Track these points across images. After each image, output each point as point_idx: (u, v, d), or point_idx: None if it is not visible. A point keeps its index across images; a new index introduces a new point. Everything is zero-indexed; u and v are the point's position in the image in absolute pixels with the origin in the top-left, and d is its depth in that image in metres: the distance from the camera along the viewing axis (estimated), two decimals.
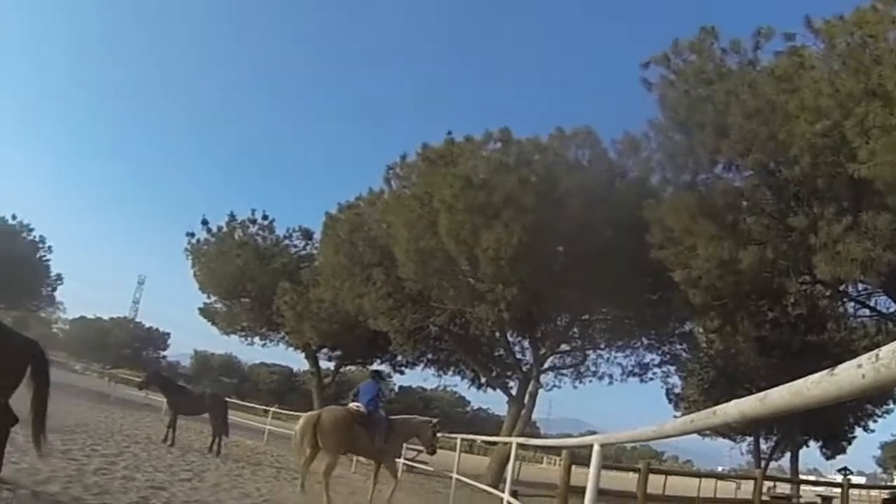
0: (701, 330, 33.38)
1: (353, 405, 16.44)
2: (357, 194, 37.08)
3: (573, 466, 17.88)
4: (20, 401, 10.03)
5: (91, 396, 39.73)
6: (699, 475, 42.38)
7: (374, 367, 40.49)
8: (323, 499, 14.80)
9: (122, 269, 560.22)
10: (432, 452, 17.83)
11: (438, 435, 17.74)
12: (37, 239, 63.33)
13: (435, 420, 17.46)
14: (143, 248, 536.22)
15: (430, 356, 40.66)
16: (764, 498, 23.45)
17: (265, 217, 46.94)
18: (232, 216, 46.84)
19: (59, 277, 66.77)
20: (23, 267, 59.54)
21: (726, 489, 43.37)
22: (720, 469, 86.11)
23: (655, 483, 25.91)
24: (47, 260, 64.38)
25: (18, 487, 9.63)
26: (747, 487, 31.28)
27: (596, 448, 5.88)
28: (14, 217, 62.10)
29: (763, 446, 46.07)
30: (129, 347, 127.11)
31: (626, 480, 27.75)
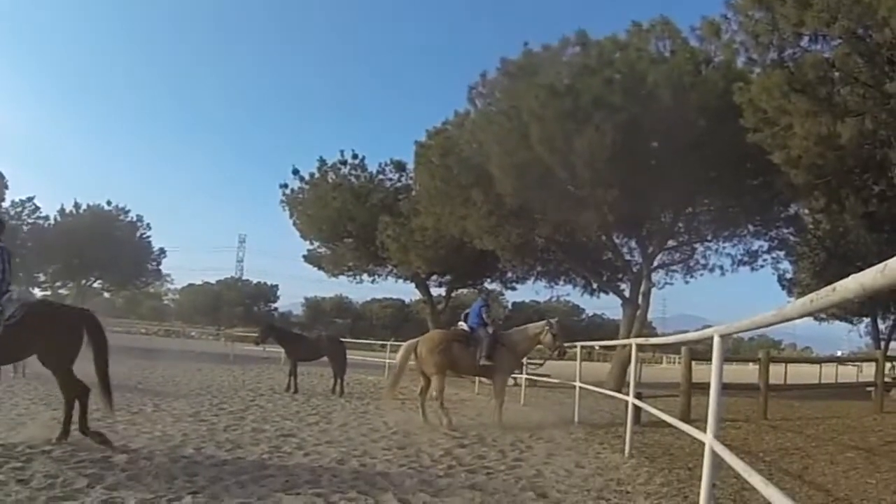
0: (807, 211, 32.78)
1: (460, 325, 16.96)
2: (443, 118, 37.12)
3: (693, 363, 17.96)
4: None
5: (211, 358, 40.57)
6: (819, 361, 42.16)
7: (483, 286, 41.01)
8: (443, 421, 15.06)
9: (222, 232, 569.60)
10: (560, 355, 17.78)
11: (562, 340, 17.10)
12: (135, 219, 64.93)
13: (552, 320, 17.08)
14: (240, 209, 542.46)
15: (539, 269, 40.68)
16: (887, 379, 23.19)
17: (355, 156, 46.76)
18: (322, 160, 46.81)
19: (163, 251, 68.67)
20: (125, 248, 61.47)
21: (848, 373, 42.94)
22: (839, 353, 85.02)
23: (776, 372, 25.80)
24: (148, 237, 66.21)
25: (154, 454, 9.97)
26: (869, 370, 30.96)
27: (716, 340, 5.96)
28: (109, 203, 63.91)
29: (881, 326, 45.03)
30: (240, 305, 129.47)
31: (747, 372, 27.65)
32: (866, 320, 46.30)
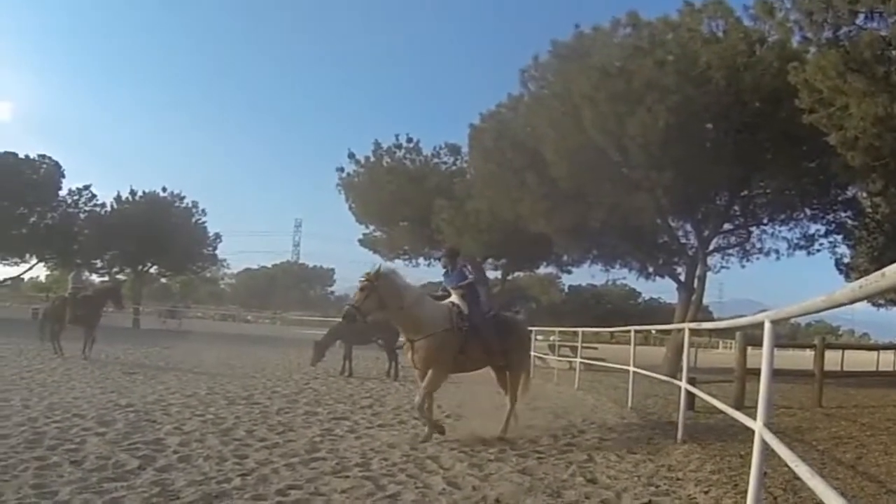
0: (864, 194, 32.25)
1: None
2: (497, 101, 36.96)
3: (749, 348, 17.71)
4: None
5: (266, 342, 40.95)
6: (876, 348, 41.46)
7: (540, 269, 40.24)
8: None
9: (279, 216, 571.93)
10: None
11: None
12: (190, 205, 65.12)
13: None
14: (296, 193, 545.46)
15: (594, 252, 39.86)
16: None
17: (409, 140, 47.11)
18: (377, 144, 47.17)
19: (218, 236, 67.97)
20: (180, 234, 61.47)
21: None
22: None
23: (832, 359, 25.48)
24: (203, 222, 65.94)
25: (206, 437, 10.08)
26: None
27: (767, 325, 5.83)
28: (164, 189, 64.26)
29: None
30: (295, 289, 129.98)
31: (803, 358, 27.33)
32: None
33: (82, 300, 23.71)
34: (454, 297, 12.06)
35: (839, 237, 34.28)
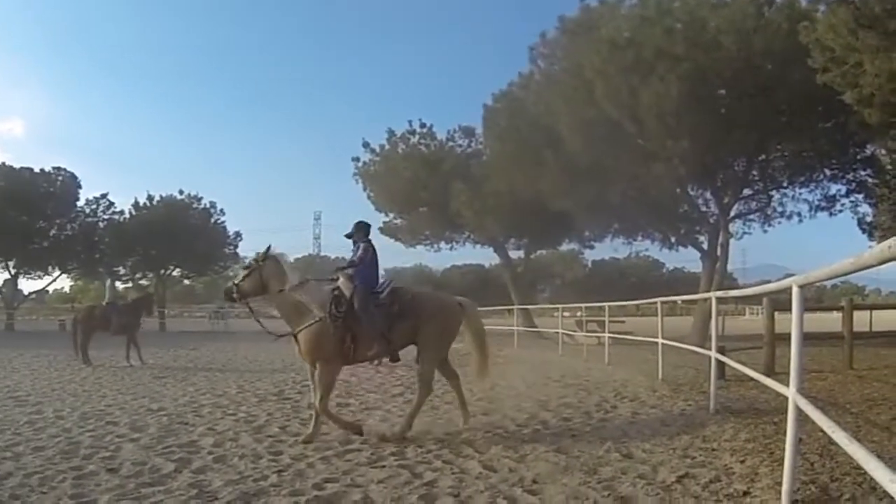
0: (884, 151, 32.03)
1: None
2: (508, 80, 37.01)
3: (776, 313, 17.58)
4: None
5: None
6: None
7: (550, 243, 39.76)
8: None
9: (298, 210, 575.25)
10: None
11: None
12: (208, 205, 65.21)
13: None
14: (314, 186, 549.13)
15: (615, 226, 40.27)
16: None
17: (423, 125, 46.88)
18: (391, 132, 46.95)
19: (238, 235, 67.75)
20: (200, 235, 61.64)
21: None
22: None
23: (861, 320, 25.30)
24: (222, 222, 66.01)
25: (240, 435, 10.14)
26: None
27: (795, 290, 5.81)
28: (181, 192, 64.44)
29: None
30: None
31: (831, 321, 27.14)
32: None
33: (124, 308, 23.93)
34: (341, 281, 11.07)
35: (860, 196, 33.94)
